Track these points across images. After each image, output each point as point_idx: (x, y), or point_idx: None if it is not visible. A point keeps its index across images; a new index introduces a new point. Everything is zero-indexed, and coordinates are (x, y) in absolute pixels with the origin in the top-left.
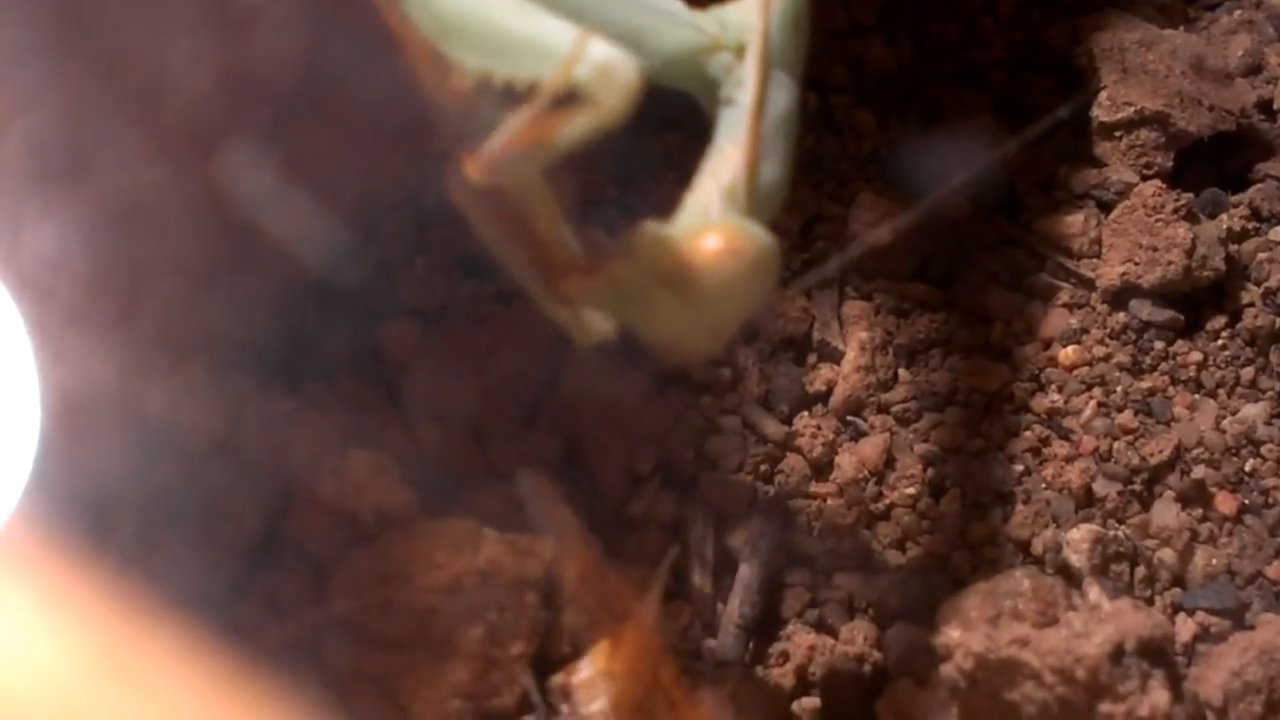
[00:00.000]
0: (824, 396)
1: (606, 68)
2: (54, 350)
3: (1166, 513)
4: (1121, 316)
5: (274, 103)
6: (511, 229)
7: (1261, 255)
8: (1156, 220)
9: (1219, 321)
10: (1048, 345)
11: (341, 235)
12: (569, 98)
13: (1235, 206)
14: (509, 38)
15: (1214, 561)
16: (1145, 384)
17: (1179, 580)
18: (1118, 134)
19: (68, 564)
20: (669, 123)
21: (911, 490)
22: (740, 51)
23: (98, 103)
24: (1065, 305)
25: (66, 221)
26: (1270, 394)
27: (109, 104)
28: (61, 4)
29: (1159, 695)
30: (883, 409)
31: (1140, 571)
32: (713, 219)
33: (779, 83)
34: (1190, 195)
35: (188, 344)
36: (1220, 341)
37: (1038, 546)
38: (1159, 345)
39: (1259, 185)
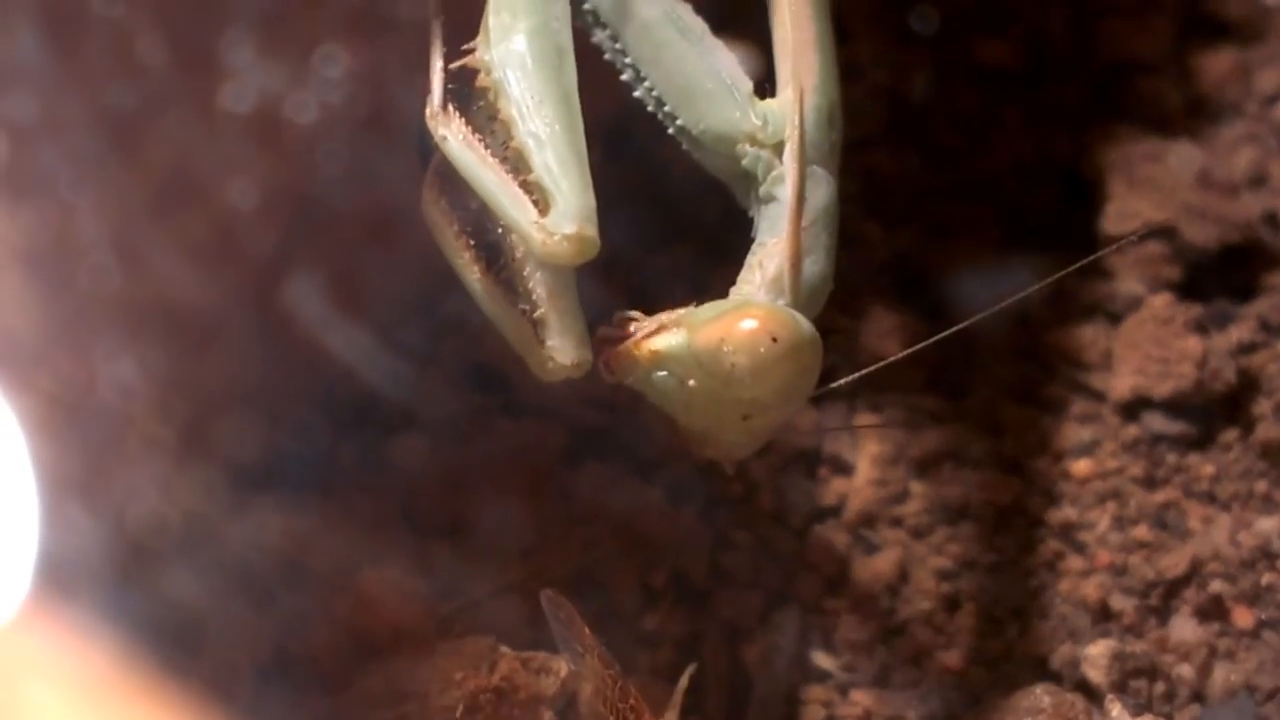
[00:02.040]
0: (837, 510)
1: (572, 230)
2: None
3: (1184, 627)
4: (1134, 429)
5: (325, 227)
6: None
7: (1272, 367)
8: (1167, 332)
9: (1231, 434)
10: (1060, 458)
11: (364, 349)
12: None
13: (1244, 318)
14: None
15: (1233, 677)
16: (1159, 497)
17: (1198, 696)
18: (1126, 246)
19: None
20: (678, 236)
21: (926, 605)
22: (778, 148)
23: (153, 225)
24: (1077, 418)
25: (136, 348)
26: None
27: (164, 227)
28: (117, 125)
29: None
30: (896, 522)
31: (1159, 687)
32: (754, 302)
33: (817, 178)
34: (1200, 307)
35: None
36: (1233, 454)
37: (1055, 662)
38: (1172, 458)
39: (1267, 297)
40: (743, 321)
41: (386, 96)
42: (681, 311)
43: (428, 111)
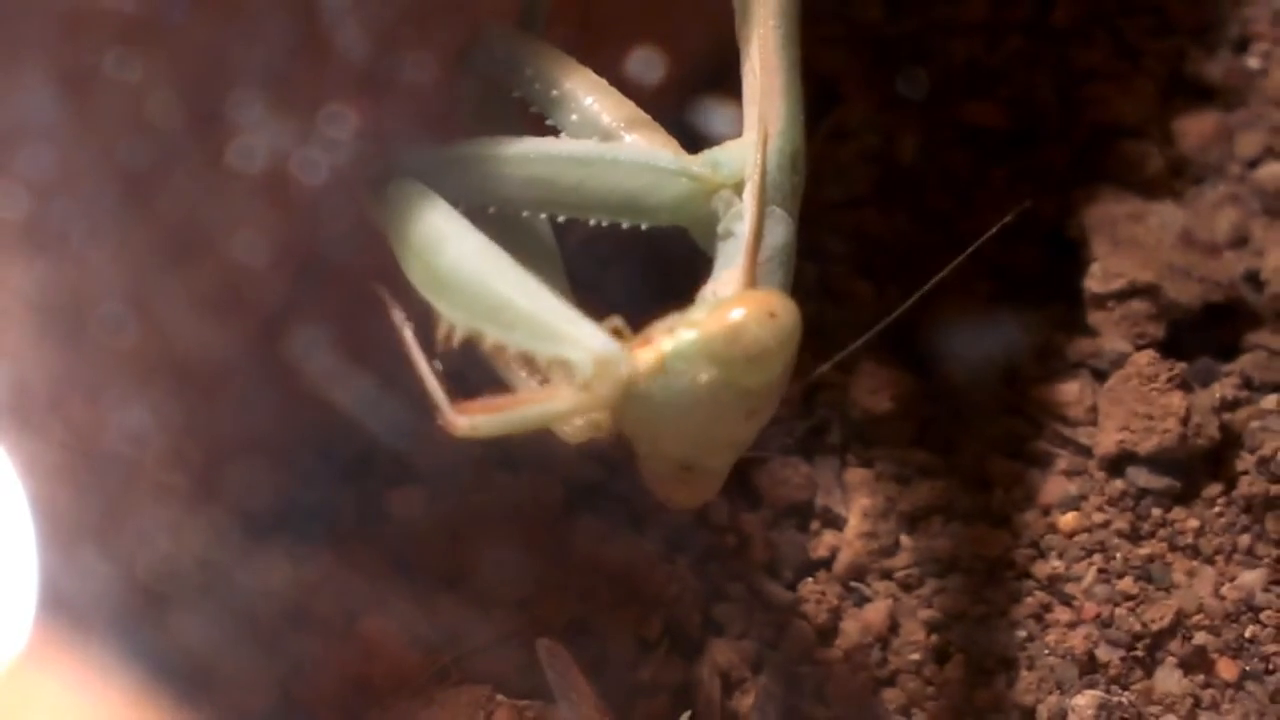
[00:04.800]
0: (828, 562)
1: (604, 361)
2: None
3: (1169, 679)
4: (1119, 484)
5: (330, 281)
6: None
7: (1254, 424)
8: (1151, 389)
9: (1215, 489)
10: (1047, 512)
11: (366, 400)
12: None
13: (1227, 375)
14: (504, 306)
15: None
16: (1144, 550)
17: None
18: (1110, 304)
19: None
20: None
21: (916, 656)
22: (739, 187)
23: (163, 277)
24: (1063, 472)
25: (147, 397)
26: (1267, 560)
27: (174, 279)
28: (129, 180)
29: None
30: (886, 575)
31: None
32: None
33: (776, 217)
34: (1184, 364)
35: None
36: (1217, 509)
37: (1043, 713)
38: (1157, 512)
39: (1249, 355)
40: (745, 304)
41: (391, 153)
42: (668, 320)
43: (442, 421)
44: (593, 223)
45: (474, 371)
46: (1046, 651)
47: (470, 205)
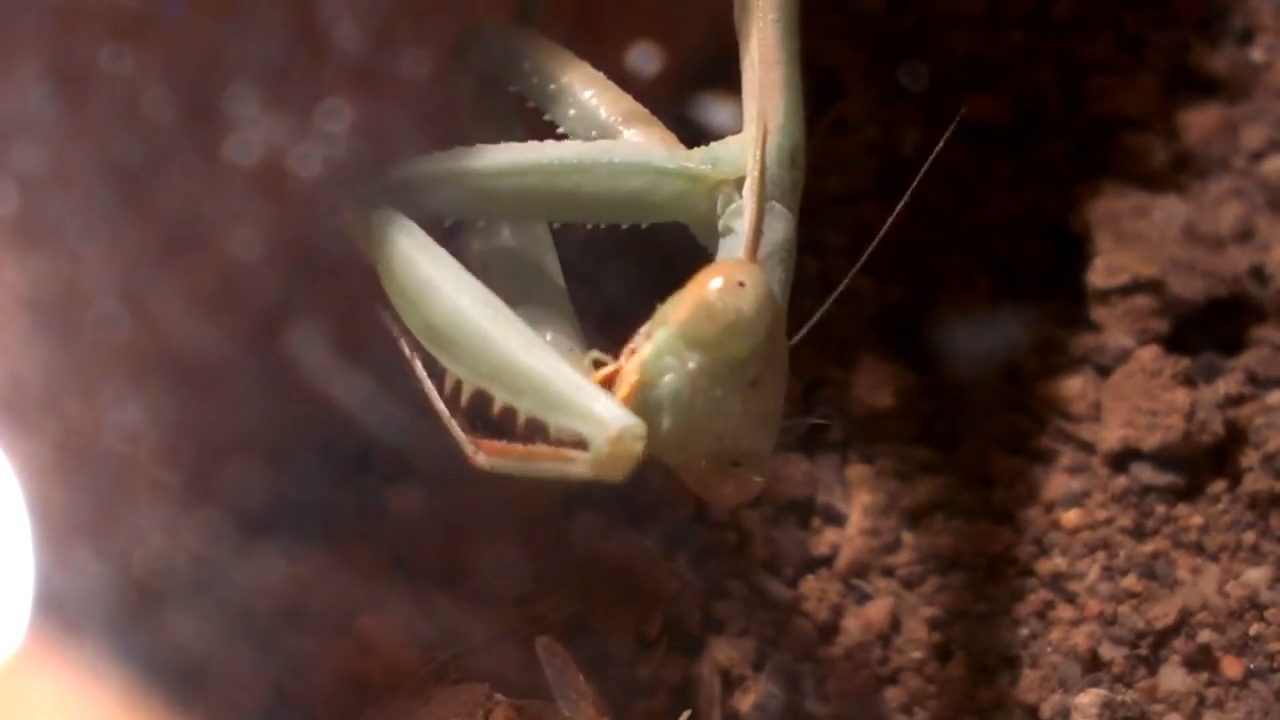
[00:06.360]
0: (829, 560)
1: (618, 438)
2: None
3: (1173, 677)
4: (1123, 480)
5: (326, 277)
6: None
7: (1259, 420)
8: (1155, 385)
9: (1219, 485)
10: (1050, 508)
11: (363, 397)
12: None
13: (1232, 371)
14: (509, 370)
15: None
16: (1148, 547)
17: None
18: (1114, 299)
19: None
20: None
21: (918, 654)
22: (739, 183)
23: (158, 274)
24: (1066, 469)
25: (142, 394)
26: (1272, 557)
27: (170, 276)
28: (123, 176)
29: None
30: (887, 572)
31: None
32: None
33: (775, 213)
34: (1188, 360)
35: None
36: (1221, 505)
37: (1046, 711)
38: (1160, 509)
39: (1254, 350)
40: (710, 281)
41: (387, 148)
42: (644, 327)
43: (461, 454)
44: (590, 226)
45: None
46: (1049, 649)
47: (463, 218)
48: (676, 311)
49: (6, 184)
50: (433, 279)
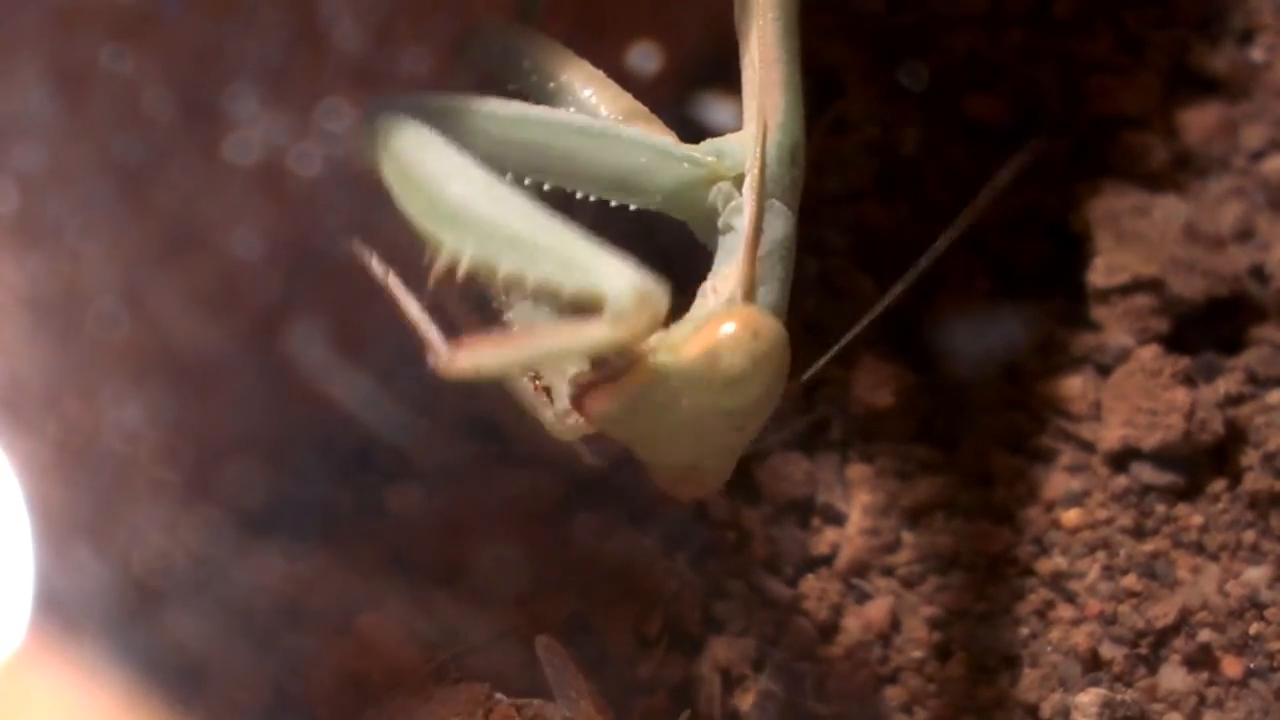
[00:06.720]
0: (829, 559)
1: (644, 293)
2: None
3: (1173, 676)
4: (1123, 479)
5: (327, 276)
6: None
7: (1259, 419)
8: (1155, 384)
9: (1219, 485)
10: (1050, 508)
11: (363, 396)
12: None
13: (1232, 370)
14: (524, 236)
15: None
16: (1148, 547)
17: None
18: (1113, 299)
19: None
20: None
21: (918, 653)
22: (739, 181)
23: (158, 273)
24: (1066, 468)
25: (142, 393)
26: (1272, 557)
27: (170, 275)
28: (123, 175)
29: None
30: (887, 572)
31: None
32: (722, 308)
33: (775, 211)
34: (1188, 359)
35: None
36: (1221, 505)
37: (1046, 710)
38: (1161, 508)
39: (1254, 349)
40: (723, 326)
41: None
42: (653, 338)
43: (434, 362)
44: (579, 195)
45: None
46: (1049, 649)
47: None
48: (686, 347)
49: (7, 183)
50: (444, 164)
